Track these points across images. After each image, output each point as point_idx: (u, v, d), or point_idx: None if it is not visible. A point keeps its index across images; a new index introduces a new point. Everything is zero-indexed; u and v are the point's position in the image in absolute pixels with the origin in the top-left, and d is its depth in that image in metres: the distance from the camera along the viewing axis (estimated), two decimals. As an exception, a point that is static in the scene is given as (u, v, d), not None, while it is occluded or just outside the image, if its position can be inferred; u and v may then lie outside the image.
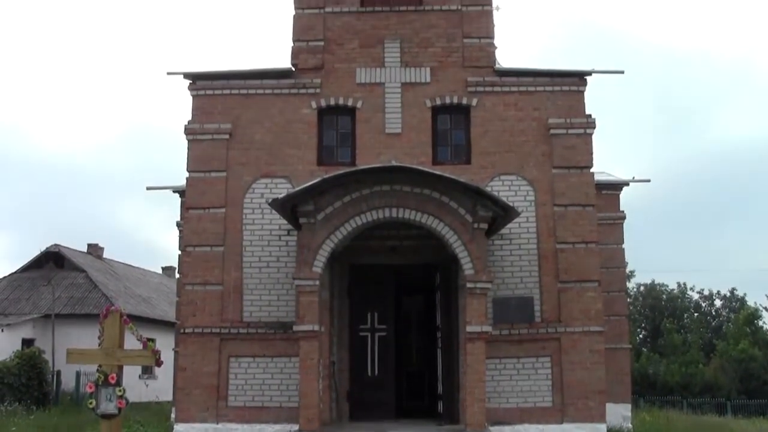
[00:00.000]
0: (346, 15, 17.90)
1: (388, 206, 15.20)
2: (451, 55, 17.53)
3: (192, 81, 17.63)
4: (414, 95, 17.29)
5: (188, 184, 17.33)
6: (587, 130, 17.15)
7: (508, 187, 16.85)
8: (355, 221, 15.21)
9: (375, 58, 17.54)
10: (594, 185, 17.48)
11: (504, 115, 17.20)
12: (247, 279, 16.74)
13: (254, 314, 16.62)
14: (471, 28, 17.68)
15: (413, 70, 17.45)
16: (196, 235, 17.03)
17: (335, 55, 17.62)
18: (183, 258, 17.68)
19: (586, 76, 17.42)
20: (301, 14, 17.92)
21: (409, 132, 17.11)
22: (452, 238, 15.05)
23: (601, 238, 18.89)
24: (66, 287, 43.61)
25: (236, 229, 16.91)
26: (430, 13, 17.83)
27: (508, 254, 16.74)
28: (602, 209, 21.86)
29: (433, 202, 15.12)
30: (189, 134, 17.30)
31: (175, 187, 23.04)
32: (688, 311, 70.54)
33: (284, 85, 17.48)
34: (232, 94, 17.50)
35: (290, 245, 16.57)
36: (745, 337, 52.95)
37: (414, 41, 17.63)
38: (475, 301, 14.88)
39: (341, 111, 17.47)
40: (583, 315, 16.38)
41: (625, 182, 25.75)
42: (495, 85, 17.35)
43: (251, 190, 17.05)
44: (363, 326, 17.36)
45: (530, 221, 16.80)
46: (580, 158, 17.01)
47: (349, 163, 16.92)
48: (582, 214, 16.87)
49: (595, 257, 16.83)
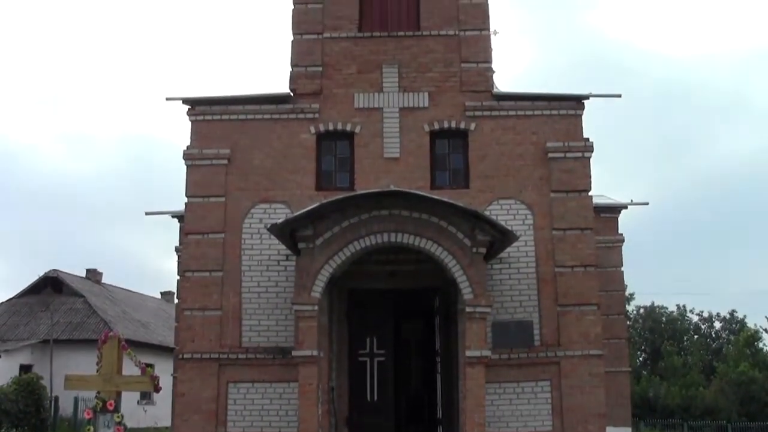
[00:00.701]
0: (344, 40, 18.00)
1: (387, 231, 15.20)
2: (449, 79, 17.61)
3: (191, 106, 17.68)
4: (412, 120, 17.34)
5: (187, 209, 17.34)
6: (585, 154, 17.19)
7: (506, 211, 16.87)
8: (353, 246, 15.20)
9: (373, 83, 17.62)
10: (592, 209, 17.50)
11: (502, 139, 17.25)
12: (246, 304, 16.72)
13: (253, 339, 16.58)
14: (469, 53, 17.78)
15: (411, 95, 17.52)
16: (194, 260, 17.01)
17: (333, 80, 17.69)
18: (182, 283, 17.66)
19: (583, 100, 17.50)
20: (299, 40, 18.02)
21: (408, 156, 17.16)
22: (451, 263, 15.04)
23: (600, 262, 18.93)
24: (64, 312, 43.50)
25: (235, 254, 16.91)
26: (427, 38, 17.93)
27: (507, 278, 16.73)
28: (601, 232, 21.93)
29: (431, 227, 15.12)
30: (188, 159, 17.34)
31: (173, 212, 23.08)
32: (688, 333, 70.36)
33: (283, 110, 17.54)
34: (230, 119, 17.56)
35: (289, 270, 16.55)
36: (746, 359, 52.75)
37: (412, 66, 17.71)
38: (474, 326, 14.85)
39: (340, 136, 17.51)
40: (583, 338, 16.35)
41: (623, 205, 25.84)
42: (493, 109, 17.41)
43: (250, 215, 17.06)
44: (362, 351, 17.30)
45: (529, 245, 16.81)
46: (579, 182, 17.04)
47: (347, 187, 16.95)
48: (581, 237, 16.87)
49: (594, 280, 16.82)
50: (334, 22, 18.08)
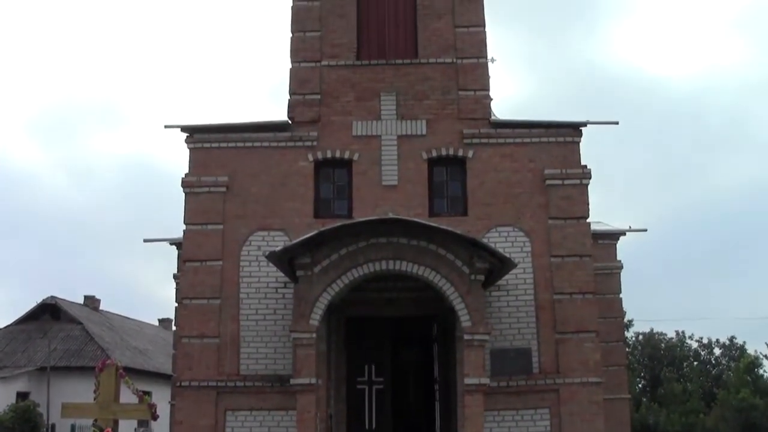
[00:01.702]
0: (342, 68, 18.10)
1: (385, 258, 15.22)
2: (447, 107, 17.70)
3: (189, 134, 17.75)
4: (410, 147, 17.41)
5: (185, 236, 17.35)
6: (583, 181, 17.25)
7: (504, 238, 16.89)
8: (352, 274, 15.21)
9: (371, 110, 17.70)
10: (590, 235, 17.52)
11: (500, 166, 17.31)
12: (244, 332, 16.68)
13: (251, 367, 16.54)
14: (466, 81, 17.88)
15: (409, 122, 17.60)
16: (192, 287, 17.00)
17: (332, 107, 17.78)
18: (180, 310, 17.66)
19: (581, 127, 17.57)
20: (297, 68, 18.12)
21: (406, 184, 17.20)
22: (449, 290, 15.04)
23: (599, 288, 18.89)
24: (62, 339, 43.38)
25: (233, 281, 16.90)
26: (425, 65, 18.04)
27: (506, 305, 16.72)
28: (599, 259, 21.89)
29: (429, 254, 15.14)
30: (186, 187, 17.38)
31: (172, 239, 23.07)
32: (688, 360, 70.04)
33: (281, 138, 17.61)
34: (229, 147, 17.61)
35: (287, 298, 16.54)
36: (746, 386, 52.52)
37: (410, 94, 17.81)
38: (472, 353, 14.84)
39: (338, 163, 17.57)
40: (582, 366, 16.31)
41: (621, 232, 25.79)
42: (491, 136, 17.48)
43: (248, 242, 17.07)
44: (360, 379, 17.26)
45: (527, 272, 16.81)
46: (576, 209, 17.08)
47: (345, 215, 16.98)
48: (579, 264, 16.89)
49: (592, 307, 16.82)
50: (333, 50, 18.19)
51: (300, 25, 18.38)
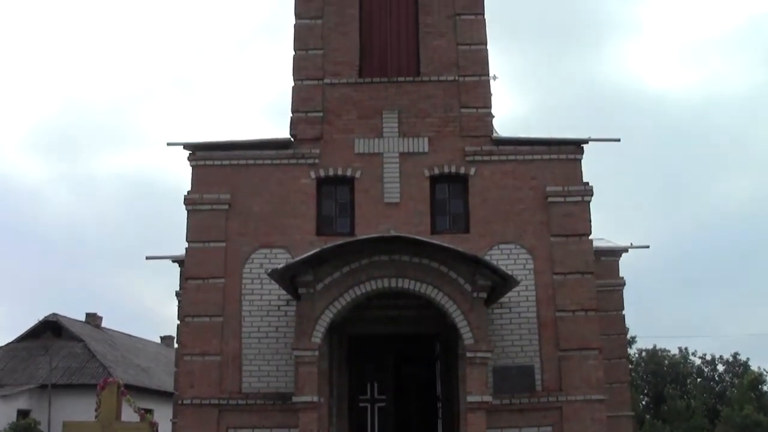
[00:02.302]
0: (344, 86, 18.15)
1: (387, 276, 15.22)
2: (449, 124, 17.74)
3: (192, 152, 17.79)
4: (412, 165, 17.43)
5: (187, 254, 17.36)
6: (585, 198, 17.26)
7: (506, 255, 16.88)
8: (354, 291, 15.20)
9: (373, 128, 17.74)
10: (593, 252, 17.52)
11: (502, 183, 17.33)
12: (246, 349, 16.66)
13: (253, 385, 16.50)
14: (468, 98, 17.93)
15: (411, 140, 17.63)
16: (195, 305, 16.99)
17: (334, 125, 17.82)
18: (182, 328, 17.62)
19: (582, 144, 17.59)
20: (300, 86, 18.18)
21: (408, 201, 17.21)
22: (452, 308, 15.03)
23: (601, 305, 18.84)
24: (63, 357, 43.26)
25: (235, 299, 16.89)
26: (427, 83, 18.10)
27: (508, 323, 16.70)
28: (601, 276, 21.82)
29: (432, 272, 15.14)
30: (188, 204, 17.40)
31: (174, 256, 23.02)
32: (691, 377, 69.81)
33: (283, 155, 17.64)
34: (231, 164, 17.65)
35: (289, 315, 16.52)
36: (750, 402, 52.35)
37: (412, 111, 17.85)
38: (475, 371, 14.80)
39: (340, 181, 17.60)
40: (585, 383, 16.27)
41: (623, 248, 25.69)
42: (492, 154, 17.51)
43: (250, 260, 17.08)
44: (363, 397, 17.22)
45: (529, 289, 16.79)
46: (578, 226, 17.08)
47: (348, 233, 16.98)
48: (581, 281, 16.87)
49: (595, 325, 16.78)
50: (335, 68, 18.26)
51: (302, 43, 18.46)
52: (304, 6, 18.72)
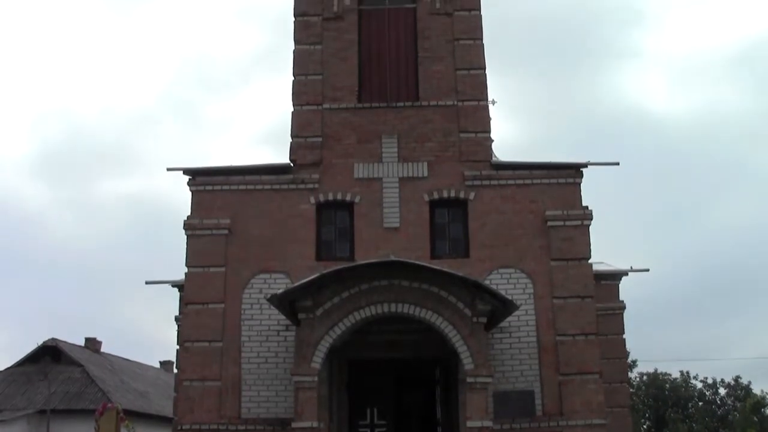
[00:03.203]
0: (343, 111, 18.22)
1: (387, 301, 15.20)
2: (448, 149, 17.79)
3: (192, 177, 17.83)
4: (412, 190, 17.47)
5: (187, 279, 17.36)
6: (584, 222, 17.28)
7: (506, 280, 16.88)
8: (353, 316, 15.18)
9: (373, 153, 17.79)
10: (592, 276, 17.51)
11: (501, 208, 17.35)
12: (246, 375, 16.63)
13: (252, 410, 16.45)
14: (467, 123, 17.99)
15: (411, 164, 17.67)
16: (194, 330, 16.97)
17: (333, 150, 17.87)
18: (181, 353, 17.58)
19: (581, 168, 17.64)
20: (299, 111, 18.24)
21: (408, 226, 17.23)
22: (451, 333, 15.00)
23: (601, 329, 18.82)
24: (62, 382, 43.07)
25: (235, 324, 16.87)
26: (426, 108, 18.16)
27: (508, 347, 16.67)
28: (601, 299, 21.79)
29: (431, 297, 15.12)
30: (188, 229, 17.42)
31: (174, 281, 22.98)
32: (692, 400, 69.58)
33: (283, 180, 17.68)
34: (231, 189, 17.69)
35: (289, 341, 16.50)
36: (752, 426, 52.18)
37: (411, 136, 17.91)
38: (475, 396, 14.75)
39: (340, 206, 17.63)
40: (585, 408, 16.21)
41: (623, 272, 25.71)
42: (492, 178, 17.55)
43: (250, 285, 17.08)
44: (362, 422, 17.15)
45: (529, 314, 16.78)
46: (578, 250, 17.09)
47: (347, 257, 16.99)
48: (581, 305, 16.85)
49: (595, 348, 16.75)
50: (334, 93, 18.34)
51: (302, 68, 18.54)
52: (303, 32, 18.82)
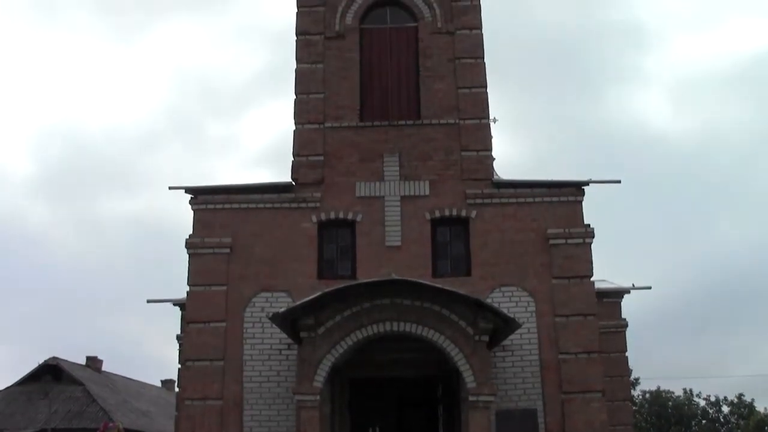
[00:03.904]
0: (345, 130, 18.26)
1: (389, 320, 15.17)
2: (450, 168, 17.82)
3: (193, 195, 17.84)
4: (413, 208, 17.48)
5: (189, 297, 17.34)
6: (586, 240, 17.27)
7: (508, 298, 16.86)
8: (355, 335, 15.15)
9: (374, 171, 17.82)
10: (594, 294, 17.49)
11: (503, 226, 17.35)
12: (248, 394, 16.58)
13: (254, 429, 16.40)
14: (469, 141, 18.02)
15: (412, 183, 17.70)
16: (196, 348, 16.94)
17: (335, 169, 17.89)
18: (182, 372, 17.54)
19: (583, 186, 17.64)
20: (301, 129, 18.28)
21: (409, 245, 17.23)
22: (453, 351, 14.96)
23: (604, 347, 18.75)
24: (63, 401, 43.00)
25: (236, 343, 16.84)
26: (428, 126, 18.20)
27: (510, 366, 16.62)
28: (604, 317, 21.76)
29: (433, 315, 15.09)
30: (190, 248, 17.42)
31: (175, 300, 22.97)
32: (696, 418, 69.28)
33: (285, 199, 17.70)
34: (233, 208, 17.71)
35: (291, 359, 16.47)
36: (756, 444, 51.95)
37: (412, 155, 17.93)
38: (477, 415, 14.69)
39: (341, 224, 17.63)
40: (588, 426, 16.14)
41: (625, 290, 25.66)
42: (493, 196, 17.56)
43: (251, 303, 17.07)
44: (365, 441, 17.08)
45: (531, 332, 16.74)
46: (580, 268, 17.07)
47: (349, 276, 16.98)
48: (583, 323, 16.82)
49: (598, 367, 16.70)
50: (336, 112, 18.39)
51: (304, 87, 18.60)
52: (305, 51, 18.90)
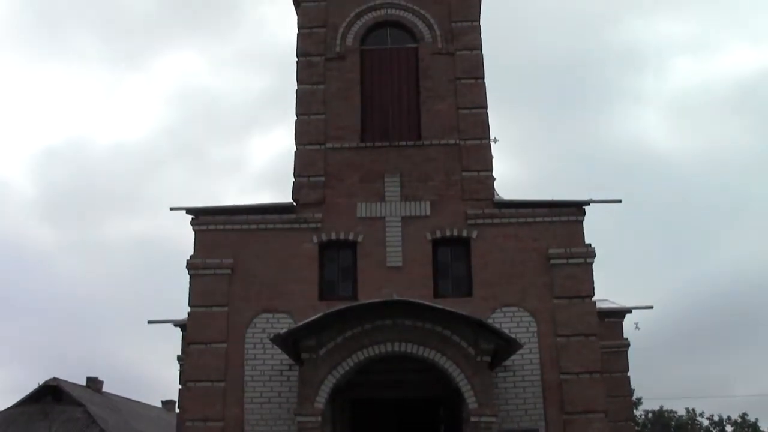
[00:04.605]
0: (346, 150, 18.30)
1: (390, 340, 15.15)
2: (451, 188, 17.84)
3: (194, 216, 17.85)
4: (414, 229, 17.48)
5: (190, 318, 17.31)
6: (587, 260, 17.25)
7: (510, 318, 16.83)
8: (357, 356, 15.12)
9: (375, 192, 17.84)
10: (596, 314, 17.45)
11: (504, 246, 17.34)
12: (249, 415, 16.52)
13: (255, 451, 16.32)
14: (469, 162, 18.05)
15: (413, 203, 17.71)
16: (197, 370, 16.90)
17: (336, 189, 17.92)
18: (183, 393, 17.51)
19: (584, 206, 17.65)
20: (302, 150, 18.32)
21: (410, 265, 17.22)
22: (455, 372, 14.93)
23: (606, 367, 18.72)
24: (63, 422, 42.76)
25: (237, 364, 16.80)
26: (428, 147, 18.23)
27: (512, 386, 16.57)
28: (605, 337, 21.72)
29: (435, 336, 15.07)
30: (191, 269, 17.41)
31: (176, 320, 22.93)
32: (699, 438, 68.98)
33: (286, 220, 17.71)
34: (234, 229, 17.71)
35: (292, 380, 16.42)
36: (760, 464, 51.65)
37: (413, 175, 17.96)
38: (479, 436, 14.63)
39: (342, 245, 17.63)
40: (591, 447, 16.08)
41: (627, 309, 25.63)
42: (494, 217, 17.57)
43: (253, 324, 17.04)
44: (366, 462, 16.98)
45: (533, 352, 16.70)
46: (581, 288, 17.04)
47: (350, 297, 16.96)
48: (585, 343, 16.77)
49: (600, 387, 16.64)
50: (337, 133, 18.43)
51: (305, 108, 18.66)
52: (306, 72, 18.98)
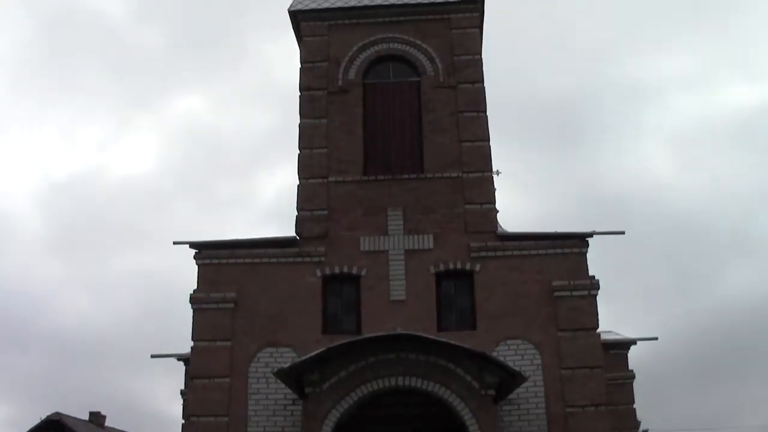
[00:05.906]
0: (349, 184, 18.33)
1: (394, 374, 15.11)
2: (454, 221, 17.84)
3: (198, 250, 17.86)
4: (418, 262, 17.46)
5: (193, 352, 17.26)
6: (591, 292, 17.20)
7: (514, 351, 16.76)
8: (361, 390, 15.06)
9: (378, 225, 17.84)
10: (601, 346, 17.36)
11: (507, 279, 17.31)
12: (252, 450, 16.41)
13: (260, 487, 16.20)
14: (472, 194, 18.07)
15: (416, 237, 17.71)
16: (200, 404, 16.81)
17: (339, 223, 17.93)
18: (186, 428, 17.47)
19: (587, 238, 17.63)
20: (305, 184, 18.36)
21: (414, 299, 17.19)
22: (460, 406, 14.86)
23: (611, 399, 18.58)
24: (66, 457, 42.58)
25: (241, 398, 16.71)
26: (431, 180, 18.27)
27: (517, 419, 16.44)
28: (611, 369, 21.61)
29: (439, 370, 15.01)
30: (194, 303, 17.39)
31: (179, 354, 22.86)
32: (706, 469, 68.39)
33: (289, 253, 17.71)
34: (237, 263, 17.70)
35: (296, 415, 16.33)
36: (768, 498, 51.06)
37: (416, 208, 17.97)
38: (485, 470, 14.52)
39: (346, 279, 17.61)
40: (597, 481, 15.95)
41: (632, 341, 25.53)
42: (497, 249, 17.55)
43: (256, 359, 16.97)
44: (370, 498, 16.82)
45: (538, 385, 16.60)
46: (586, 320, 16.98)
47: (354, 331, 16.91)
48: (590, 375, 16.67)
49: (605, 419, 16.52)
50: (340, 166, 18.48)
51: (307, 141, 18.73)
52: (308, 106, 19.07)
